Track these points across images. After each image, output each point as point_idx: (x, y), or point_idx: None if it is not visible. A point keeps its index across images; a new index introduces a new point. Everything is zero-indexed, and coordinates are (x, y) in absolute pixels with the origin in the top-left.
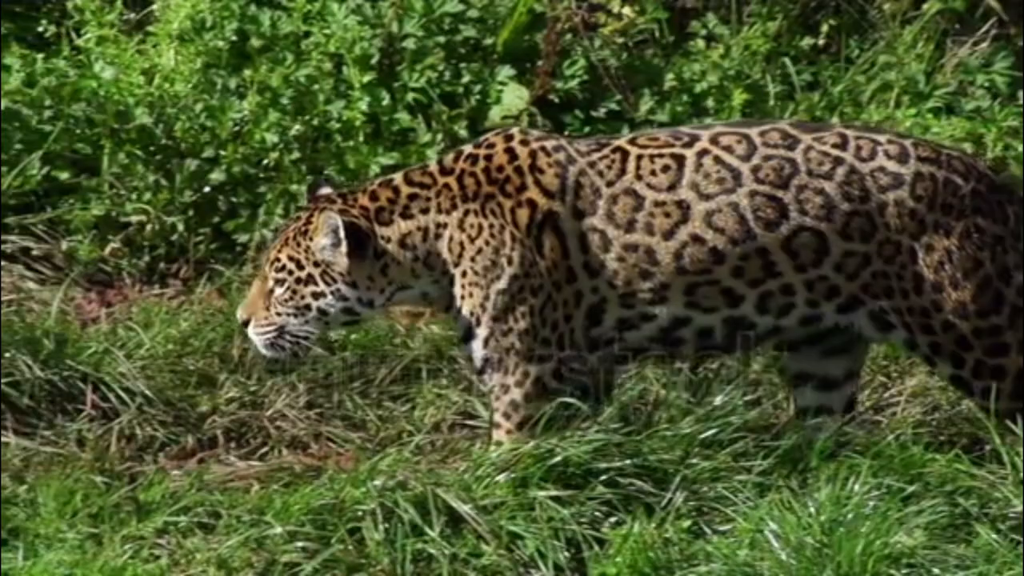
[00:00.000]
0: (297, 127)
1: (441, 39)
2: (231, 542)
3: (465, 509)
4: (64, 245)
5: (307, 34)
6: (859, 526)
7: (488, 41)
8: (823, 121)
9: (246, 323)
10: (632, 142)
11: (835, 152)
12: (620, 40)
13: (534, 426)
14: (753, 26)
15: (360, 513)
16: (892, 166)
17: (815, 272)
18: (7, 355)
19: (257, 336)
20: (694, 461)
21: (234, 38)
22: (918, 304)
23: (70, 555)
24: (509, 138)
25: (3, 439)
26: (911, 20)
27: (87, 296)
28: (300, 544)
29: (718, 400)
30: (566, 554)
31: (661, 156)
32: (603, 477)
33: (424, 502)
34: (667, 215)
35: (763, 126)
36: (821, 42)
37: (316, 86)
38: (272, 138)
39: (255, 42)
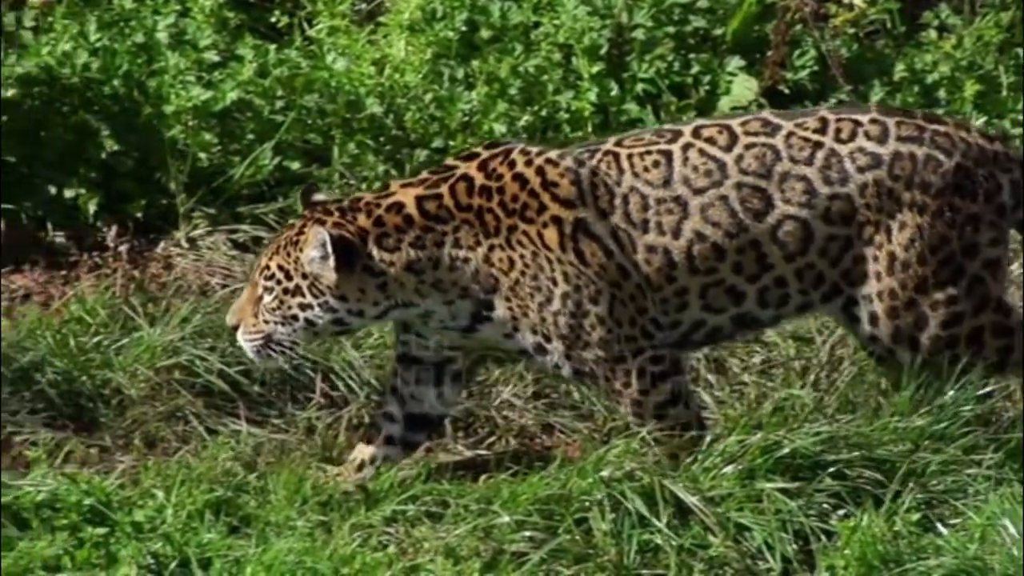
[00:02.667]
0: (526, 118)
1: (670, 29)
2: (459, 531)
3: (692, 500)
4: None
5: (537, 24)
6: None
7: (718, 31)
8: None
9: (235, 328)
10: (619, 144)
11: (815, 137)
12: (851, 31)
13: (676, 405)
14: (986, 16)
15: (587, 503)
16: (871, 146)
17: (803, 260)
18: (239, 345)
19: (245, 342)
20: (923, 454)
21: (464, 28)
22: (888, 286)
23: (300, 543)
24: (512, 164)
25: (236, 427)
26: None
27: None
28: (527, 533)
29: (949, 394)
30: (794, 546)
31: (649, 153)
32: (831, 469)
33: (651, 493)
34: (670, 212)
35: (744, 116)
36: None
37: (545, 76)
38: (500, 128)
39: (484, 32)
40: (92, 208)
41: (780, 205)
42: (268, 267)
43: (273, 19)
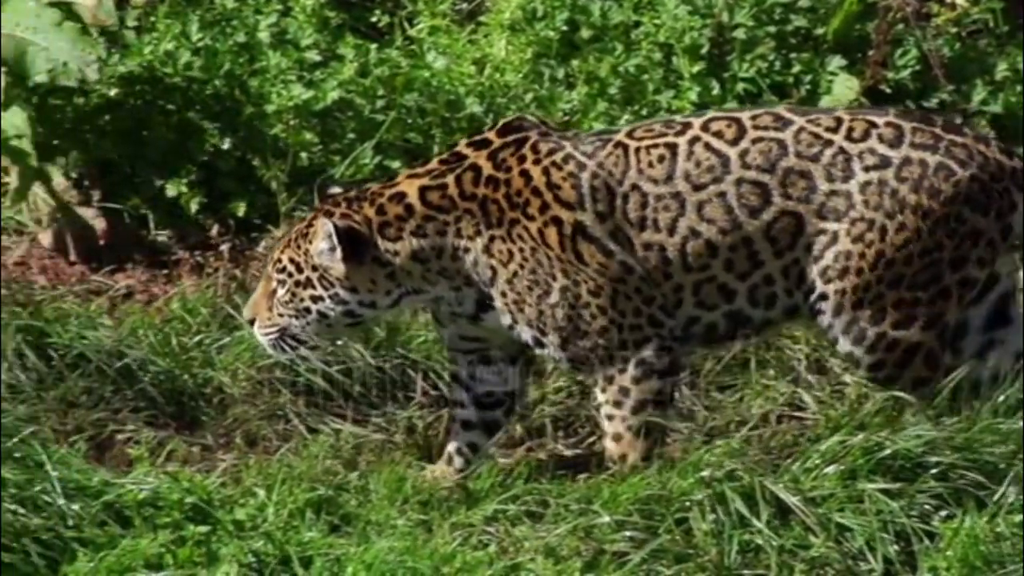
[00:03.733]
0: (626, 117)
1: (771, 29)
2: (559, 530)
3: (793, 501)
4: None
5: (637, 24)
6: None
7: (819, 31)
8: None
9: (251, 322)
10: (630, 135)
11: (827, 135)
12: (953, 30)
13: (656, 407)
14: None
15: (688, 503)
16: (882, 149)
17: (790, 256)
18: (339, 343)
19: (261, 336)
20: None
21: (564, 28)
22: (865, 280)
23: (400, 542)
24: (522, 159)
25: (337, 426)
26: None
27: None
28: (628, 533)
29: None
30: (895, 547)
31: (656, 147)
32: (933, 471)
33: (752, 493)
34: (667, 208)
35: (756, 110)
36: None
37: (645, 76)
38: (600, 128)
39: (585, 32)
40: (194, 207)
41: (778, 200)
42: (280, 260)
43: (374, 18)
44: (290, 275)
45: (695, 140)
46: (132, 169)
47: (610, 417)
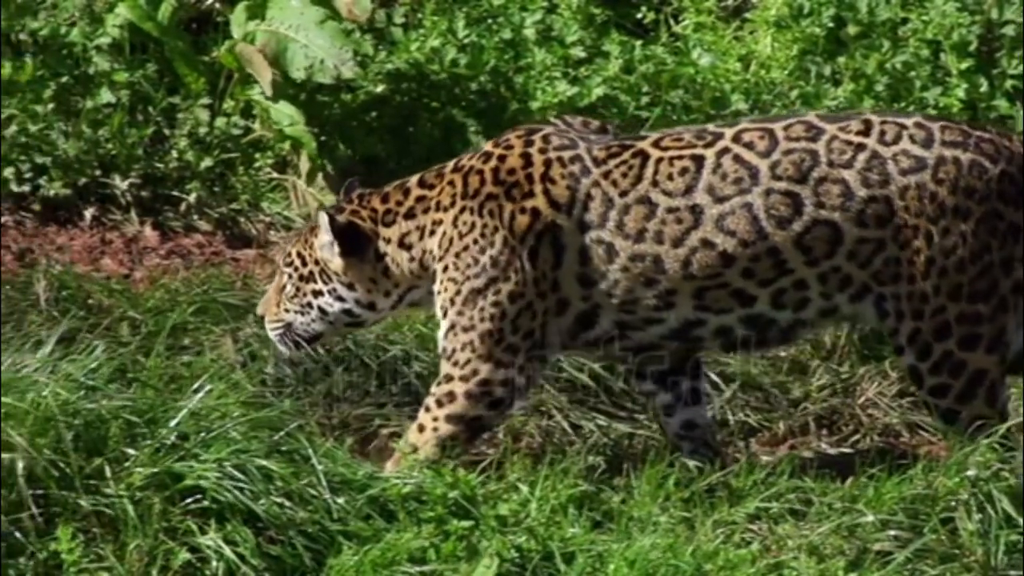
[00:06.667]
0: None
1: None
2: (822, 529)
3: None
4: None
5: (904, 20)
6: None
7: None
8: None
9: (263, 318)
10: (656, 144)
11: (858, 139)
12: None
13: (468, 429)
14: None
15: (953, 503)
16: (915, 150)
17: (828, 264)
18: None
19: (270, 332)
20: None
21: (831, 25)
22: (920, 289)
23: (663, 539)
24: (529, 143)
25: (600, 422)
26: None
27: None
28: (892, 532)
29: None
30: None
31: (680, 158)
32: None
33: (1018, 493)
34: (679, 221)
35: (788, 119)
36: None
37: (912, 73)
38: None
39: (852, 29)
40: None
41: (811, 210)
42: (289, 255)
43: (639, 15)
44: (296, 269)
45: (724, 152)
46: (397, 165)
47: (427, 408)
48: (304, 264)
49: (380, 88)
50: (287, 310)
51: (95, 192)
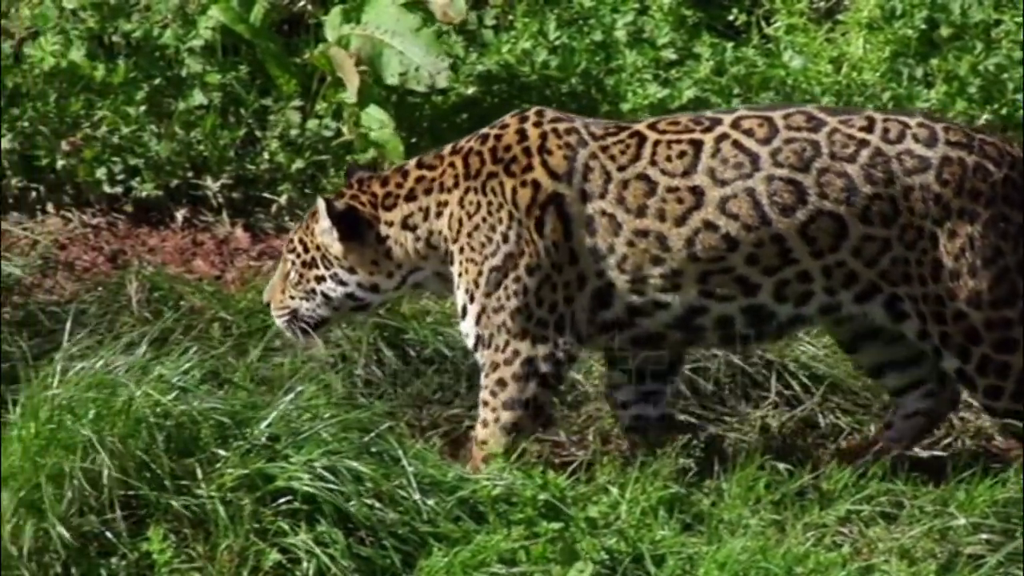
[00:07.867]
0: (985, 116)
1: None
2: (913, 532)
3: None
4: None
5: (998, 22)
6: None
7: None
8: None
9: (269, 305)
10: (652, 127)
11: (861, 135)
12: None
13: (527, 410)
14: None
15: None
16: (919, 149)
17: (832, 258)
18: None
19: (276, 319)
20: None
21: (923, 26)
22: (933, 292)
23: (753, 541)
24: (523, 119)
25: (690, 424)
26: None
27: None
28: (984, 536)
29: None
30: None
31: (679, 142)
32: None
33: None
34: (680, 201)
35: (788, 109)
36: None
37: (1005, 75)
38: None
39: (944, 30)
40: None
41: (815, 200)
42: (292, 241)
43: (731, 17)
44: (298, 255)
45: (723, 137)
46: None
47: (485, 403)
48: (306, 250)
49: (471, 90)
50: (292, 297)
51: (187, 194)
